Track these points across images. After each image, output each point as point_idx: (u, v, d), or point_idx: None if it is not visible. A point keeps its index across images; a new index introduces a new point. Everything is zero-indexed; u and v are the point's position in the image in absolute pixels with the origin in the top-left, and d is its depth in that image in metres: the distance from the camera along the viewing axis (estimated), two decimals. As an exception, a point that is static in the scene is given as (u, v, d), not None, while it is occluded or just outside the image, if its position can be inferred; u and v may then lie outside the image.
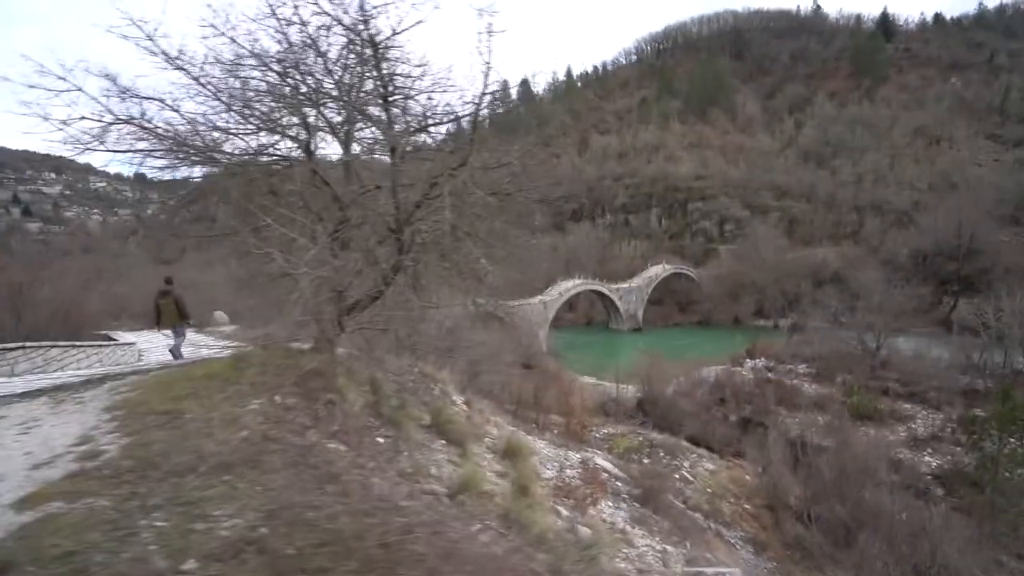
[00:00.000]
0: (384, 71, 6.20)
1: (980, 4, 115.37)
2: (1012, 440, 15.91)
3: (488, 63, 5.85)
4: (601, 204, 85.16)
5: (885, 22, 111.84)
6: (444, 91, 6.66)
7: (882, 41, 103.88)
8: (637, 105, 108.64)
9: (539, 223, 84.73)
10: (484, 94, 6.11)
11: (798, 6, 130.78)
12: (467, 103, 6.31)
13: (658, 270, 66.74)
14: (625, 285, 62.64)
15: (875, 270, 47.10)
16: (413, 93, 6.43)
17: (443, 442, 7.63)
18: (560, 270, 63.61)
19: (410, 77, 6.49)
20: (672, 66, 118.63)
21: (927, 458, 23.64)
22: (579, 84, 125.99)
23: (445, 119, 6.76)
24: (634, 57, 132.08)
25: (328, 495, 3.35)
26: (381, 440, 5.78)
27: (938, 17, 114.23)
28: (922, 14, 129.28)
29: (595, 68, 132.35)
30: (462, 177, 6.12)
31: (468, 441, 7.61)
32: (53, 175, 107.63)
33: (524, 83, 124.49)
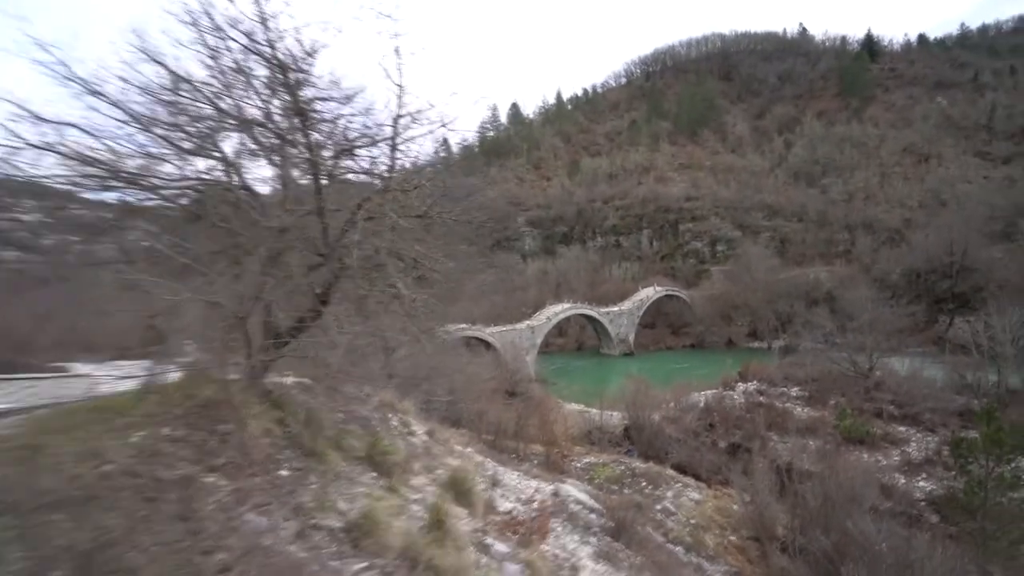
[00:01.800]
0: (298, 95, 6.17)
1: (963, 25, 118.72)
2: (996, 462, 15.40)
3: (400, 85, 5.87)
4: (592, 227, 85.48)
5: (870, 43, 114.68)
6: (366, 114, 6.66)
7: (867, 61, 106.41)
8: (627, 127, 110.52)
9: (528, 247, 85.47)
10: (399, 116, 6.10)
11: (784, 28, 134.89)
12: (383, 125, 6.27)
13: (649, 292, 66.16)
14: (615, 308, 61.92)
15: (867, 289, 46.77)
16: (331, 117, 6.40)
17: (374, 474, 7.31)
18: (550, 294, 63.46)
19: (330, 100, 6.47)
20: (661, 88, 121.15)
21: (921, 483, 23.01)
22: (569, 107, 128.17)
23: (369, 143, 6.71)
24: (624, 80, 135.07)
25: (168, 533, 3.11)
26: (285, 473, 5.49)
27: (922, 38, 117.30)
28: (906, 35, 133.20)
29: (585, 91, 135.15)
30: (378, 200, 6.05)
31: (398, 472, 7.29)
32: (33, 202, 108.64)
33: (514, 107, 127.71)
